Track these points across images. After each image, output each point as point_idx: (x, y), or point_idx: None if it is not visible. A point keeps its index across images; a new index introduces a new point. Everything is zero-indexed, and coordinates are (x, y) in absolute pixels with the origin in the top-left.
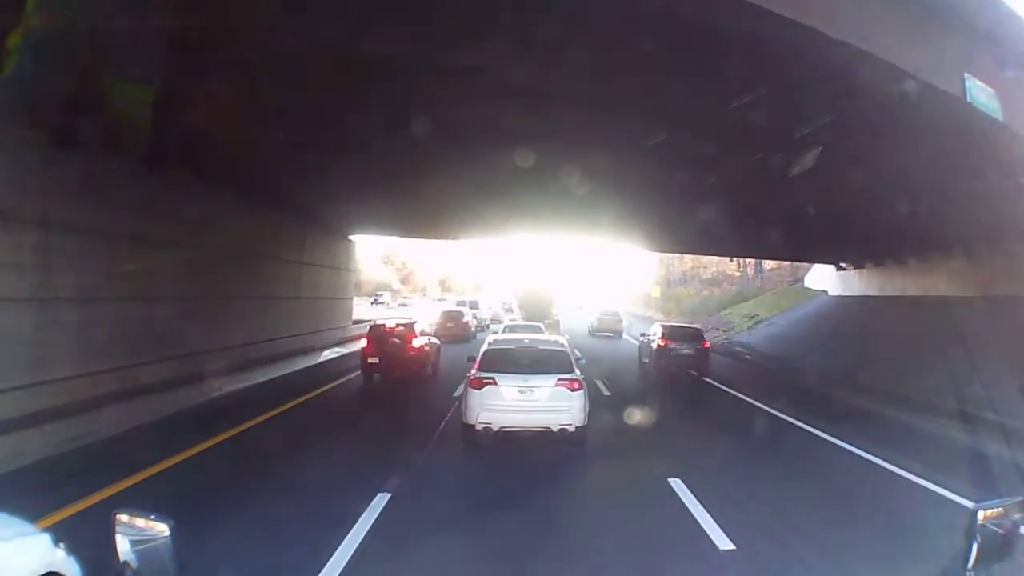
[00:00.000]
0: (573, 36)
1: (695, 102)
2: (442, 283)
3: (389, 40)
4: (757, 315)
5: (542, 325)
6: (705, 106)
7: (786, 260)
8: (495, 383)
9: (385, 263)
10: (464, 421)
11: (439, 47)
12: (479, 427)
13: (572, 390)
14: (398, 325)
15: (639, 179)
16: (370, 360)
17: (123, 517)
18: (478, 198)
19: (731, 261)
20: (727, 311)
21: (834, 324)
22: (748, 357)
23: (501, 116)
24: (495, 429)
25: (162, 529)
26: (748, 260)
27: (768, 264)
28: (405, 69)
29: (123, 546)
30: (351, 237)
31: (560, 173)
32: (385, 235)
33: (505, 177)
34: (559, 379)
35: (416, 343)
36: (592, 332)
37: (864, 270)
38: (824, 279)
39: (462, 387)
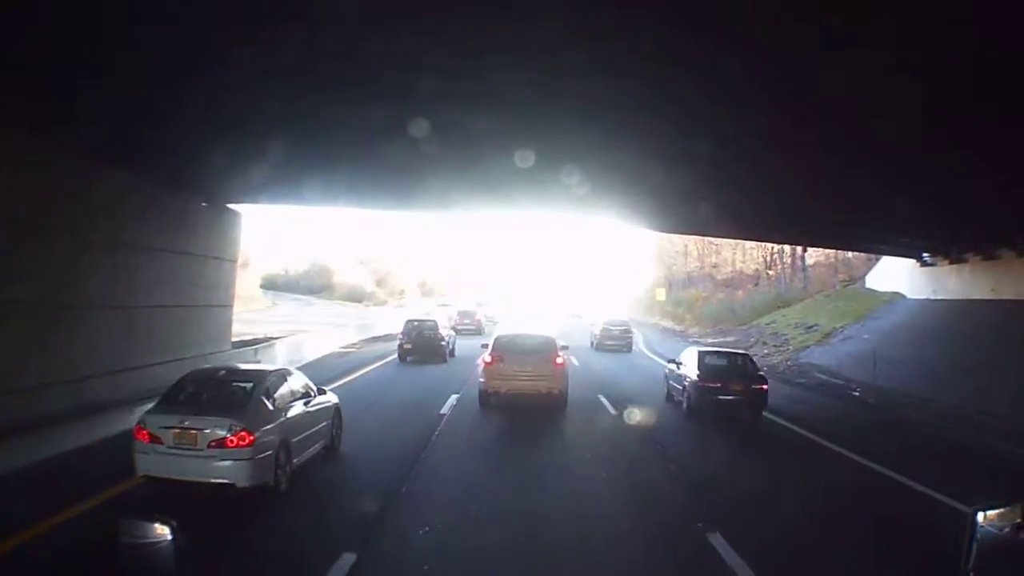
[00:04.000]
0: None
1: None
2: (422, 285)
3: None
4: (817, 325)
5: (536, 322)
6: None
7: (846, 249)
8: (502, 360)
9: (361, 264)
10: (480, 388)
11: None
12: (490, 391)
13: (556, 365)
14: (426, 320)
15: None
16: (405, 347)
17: (127, 521)
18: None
19: (762, 257)
20: (767, 319)
21: (955, 341)
22: (857, 393)
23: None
24: (502, 392)
25: (165, 533)
26: (786, 254)
27: (807, 259)
28: None
29: (127, 550)
30: (232, 205)
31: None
32: (301, 204)
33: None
34: (547, 357)
35: (439, 334)
36: (596, 346)
37: (965, 264)
38: (896, 277)
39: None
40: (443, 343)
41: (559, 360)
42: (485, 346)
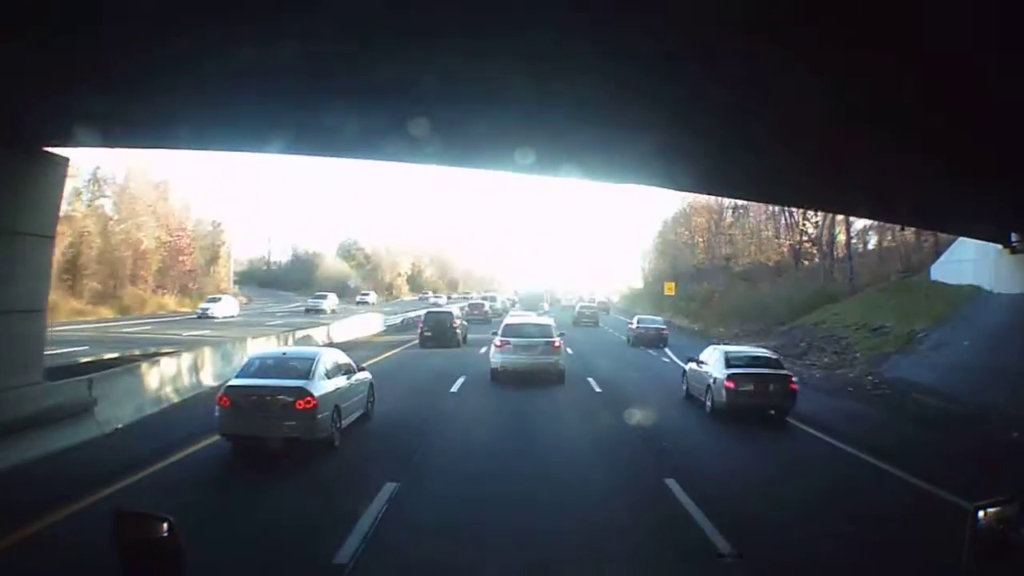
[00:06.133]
0: None
1: None
2: (411, 280)
3: None
4: (885, 327)
5: (535, 314)
6: None
7: (908, 225)
8: (510, 343)
9: (345, 256)
10: (491, 366)
11: None
12: (499, 368)
13: (554, 347)
14: (443, 312)
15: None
16: (425, 334)
17: (123, 514)
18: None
19: (789, 245)
20: (812, 318)
21: None
22: None
23: None
24: (510, 369)
25: (162, 526)
26: (823, 241)
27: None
28: None
29: (124, 543)
30: (52, 148)
31: None
32: (205, 147)
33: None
34: (546, 341)
35: (455, 323)
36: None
37: None
38: (975, 267)
39: (484, 349)
40: (457, 331)
41: (556, 343)
42: (495, 334)
